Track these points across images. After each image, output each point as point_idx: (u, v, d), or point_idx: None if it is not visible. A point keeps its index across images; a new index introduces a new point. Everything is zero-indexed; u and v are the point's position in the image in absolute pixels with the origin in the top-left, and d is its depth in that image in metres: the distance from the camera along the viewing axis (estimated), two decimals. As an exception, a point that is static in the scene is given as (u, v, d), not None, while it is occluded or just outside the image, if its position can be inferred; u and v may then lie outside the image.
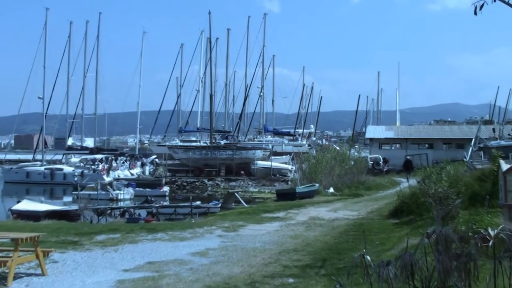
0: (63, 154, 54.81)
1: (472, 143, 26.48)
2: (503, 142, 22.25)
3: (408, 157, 39.02)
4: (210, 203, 28.10)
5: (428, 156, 42.71)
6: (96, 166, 47.96)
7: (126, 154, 58.96)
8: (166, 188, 39.22)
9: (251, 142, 65.15)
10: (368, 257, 4.03)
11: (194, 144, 57.93)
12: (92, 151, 54.18)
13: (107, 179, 41.54)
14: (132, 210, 26.41)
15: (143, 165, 52.85)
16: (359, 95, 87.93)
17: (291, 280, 7.83)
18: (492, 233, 3.88)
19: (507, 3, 4.22)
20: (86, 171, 45.96)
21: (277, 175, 46.52)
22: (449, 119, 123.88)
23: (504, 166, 9.73)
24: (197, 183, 45.06)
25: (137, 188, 38.09)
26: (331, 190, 27.12)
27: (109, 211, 25.87)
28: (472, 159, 21.97)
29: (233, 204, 26.37)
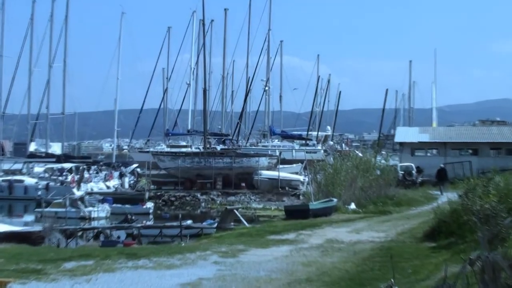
0: (24, 163, 54.57)
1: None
2: None
3: (442, 165, 39.03)
4: (204, 223, 28.04)
5: (472, 164, 42.50)
6: (64, 177, 47.97)
7: (101, 163, 59.11)
8: (149, 204, 39.24)
9: (254, 147, 65.02)
10: (398, 289, 4.04)
11: (184, 150, 57.98)
12: (59, 159, 54.26)
13: (77, 193, 41.43)
14: (108, 231, 26.38)
15: (121, 176, 52.65)
16: (387, 90, 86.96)
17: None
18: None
19: None
20: (52, 184, 45.94)
21: (286, 188, 46.37)
22: (498, 119, 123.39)
23: None
24: (187, 198, 45.04)
25: (114, 204, 38.10)
26: (353, 206, 27.19)
27: (80, 233, 25.83)
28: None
29: (232, 223, 26.50)
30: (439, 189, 35.46)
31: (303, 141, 69.03)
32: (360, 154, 38.61)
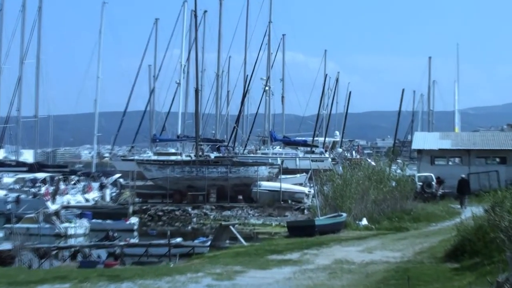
0: (-9, 172, 54.68)
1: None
2: None
3: (463, 175, 39.25)
4: (196, 241, 28.13)
5: (500, 174, 42.69)
6: (37, 189, 47.82)
7: (79, 172, 58.74)
8: (134, 220, 39.24)
9: (252, 155, 65.17)
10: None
11: (173, 158, 57.94)
12: (32, 168, 54.14)
13: (52, 207, 41.42)
14: (87, 250, 26.32)
15: (102, 187, 52.58)
16: (403, 90, 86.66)
17: None
18: None
19: None
20: (23, 196, 45.71)
21: (289, 201, 46.26)
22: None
23: None
24: (177, 213, 44.89)
25: (93, 220, 38.07)
26: (364, 222, 27.28)
27: (55, 252, 25.78)
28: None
29: (227, 241, 26.40)
30: (460, 203, 35.62)
31: (308, 148, 68.91)
32: (373, 163, 38.71)
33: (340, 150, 75.02)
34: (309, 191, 45.00)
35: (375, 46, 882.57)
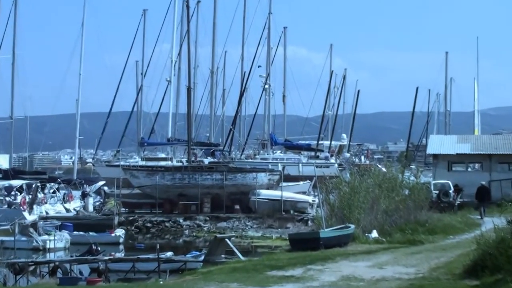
0: (-38, 180, 54.63)
1: None
2: None
3: (483, 182, 39.32)
4: (188, 255, 28.31)
5: (524, 181, 42.73)
6: (13, 197, 47.85)
7: (59, 180, 58.61)
8: (119, 232, 39.32)
9: (250, 160, 65.19)
10: None
11: (163, 163, 57.95)
12: (6, 174, 54.02)
13: (29, 217, 41.38)
14: (67, 265, 26.28)
15: (84, 196, 52.62)
16: (417, 88, 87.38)
17: None
18: None
19: None
20: (-3, 206, 45.88)
21: (291, 212, 46.51)
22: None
23: None
24: (167, 224, 45.09)
25: (75, 232, 38.14)
26: (374, 234, 27.26)
27: (32, 267, 25.77)
28: None
29: (223, 256, 26.53)
30: (479, 213, 35.76)
31: (313, 153, 69.10)
32: (384, 169, 38.70)
33: (347, 155, 74.50)
34: (313, 200, 45.07)
35: (386, 40, 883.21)
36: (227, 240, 28.03)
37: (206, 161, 58.68)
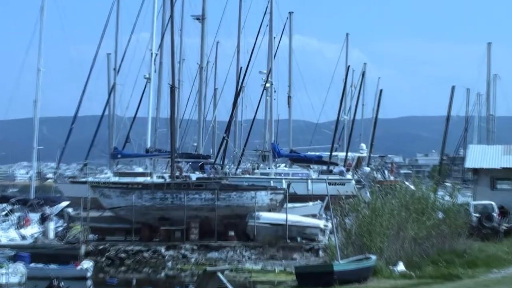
0: None
1: None
2: None
3: None
4: (171, 293, 28.25)
5: None
6: (-42, 221, 47.79)
7: (13, 199, 58.37)
8: (87, 264, 39.62)
9: (248, 176, 65.73)
10: None
11: (140, 180, 58.31)
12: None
13: (-24, 246, 41.40)
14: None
15: (44, 219, 52.28)
16: (453, 88, 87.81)
17: None
18: None
19: None
20: None
21: (298, 239, 46.73)
22: None
23: None
24: (146, 255, 45.48)
25: (32, 264, 38.54)
26: (401, 267, 27.97)
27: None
28: None
29: (214, 293, 25.68)
30: None
31: (324, 167, 70.11)
32: (412, 187, 38.84)
33: (367, 169, 75.63)
34: (325, 225, 45.76)
35: (415, 29, 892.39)
36: (219, 274, 27.29)
37: (194, 176, 58.95)
